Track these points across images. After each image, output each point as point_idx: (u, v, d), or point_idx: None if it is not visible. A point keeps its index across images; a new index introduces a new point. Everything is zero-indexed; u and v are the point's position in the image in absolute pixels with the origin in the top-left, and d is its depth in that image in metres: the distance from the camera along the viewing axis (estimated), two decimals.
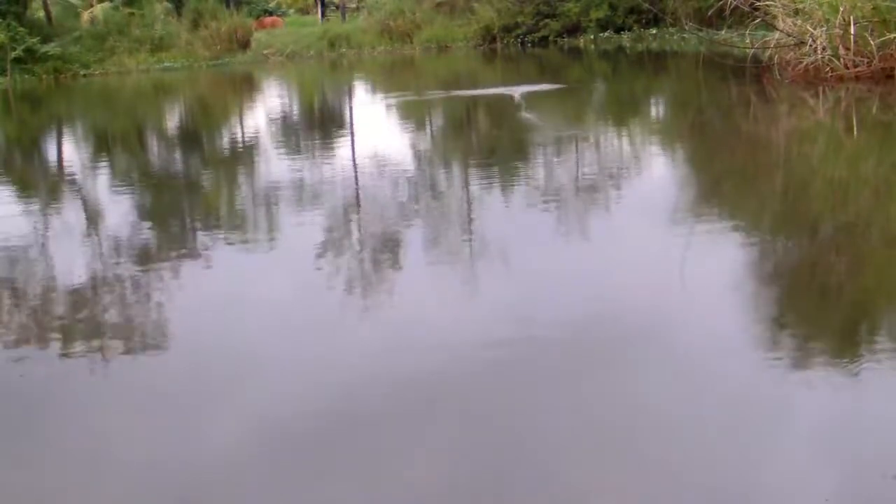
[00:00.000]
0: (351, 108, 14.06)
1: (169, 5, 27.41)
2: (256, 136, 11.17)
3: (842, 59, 9.80)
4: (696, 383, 3.04)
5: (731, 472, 2.50)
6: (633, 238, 4.84)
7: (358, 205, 6.39)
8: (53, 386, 3.45)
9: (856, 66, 9.72)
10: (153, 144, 11.57)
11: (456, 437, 2.79)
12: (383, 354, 3.46)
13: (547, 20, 22.75)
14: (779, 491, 2.39)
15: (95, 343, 3.88)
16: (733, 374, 3.07)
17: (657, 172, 6.89)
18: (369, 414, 2.97)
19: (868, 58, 9.67)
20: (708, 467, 2.55)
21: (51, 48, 22.20)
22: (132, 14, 24.78)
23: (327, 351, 3.55)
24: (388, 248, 5.09)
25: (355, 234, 5.59)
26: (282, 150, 9.75)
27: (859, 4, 9.64)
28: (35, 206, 7.51)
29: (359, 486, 2.55)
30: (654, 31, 21.25)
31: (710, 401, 2.91)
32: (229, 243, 5.53)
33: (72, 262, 5.23)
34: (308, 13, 40.33)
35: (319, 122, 12.61)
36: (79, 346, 3.88)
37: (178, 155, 10.37)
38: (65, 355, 3.79)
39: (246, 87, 19.47)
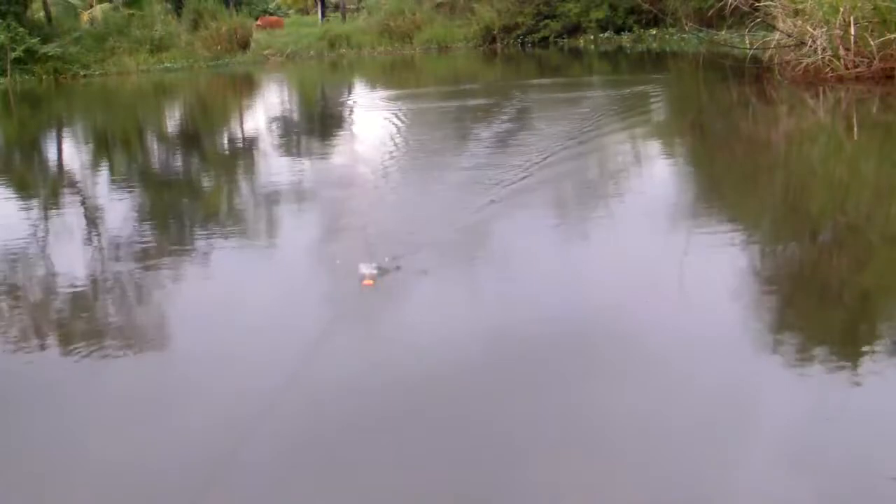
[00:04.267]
0: (348, 110, 14.00)
1: (169, 6, 27.41)
2: (254, 138, 11.15)
3: (842, 60, 9.79)
4: (696, 384, 3.04)
5: (731, 475, 2.49)
6: (639, 238, 4.83)
7: (347, 206, 6.31)
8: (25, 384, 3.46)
9: (856, 67, 9.72)
10: (153, 145, 11.56)
11: (449, 439, 2.78)
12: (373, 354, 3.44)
13: (547, 20, 22.77)
14: (780, 492, 2.39)
15: (79, 342, 3.87)
16: (738, 375, 3.07)
17: (658, 173, 6.86)
18: (366, 416, 2.96)
19: (868, 58, 9.66)
20: (705, 468, 2.54)
21: (51, 49, 22.21)
22: (132, 14, 24.80)
23: (323, 352, 3.53)
24: (381, 246, 5.05)
25: (345, 235, 5.54)
26: (278, 151, 9.74)
27: (859, 5, 9.63)
28: (28, 206, 7.51)
29: (355, 490, 2.55)
30: (654, 32, 21.25)
31: (711, 402, 2.91)
32: (224, 243, 5.51)
33: (65, 262, 5.24)
34: (308, 13, 40.32)
35: (317, 124, 12.60)
36: (61, 345, 3.87)
37: (176, 156, 10.35)
38: (42, 353, 3.80)
39: (245, 87, 19.46)
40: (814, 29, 10.01)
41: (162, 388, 3.33)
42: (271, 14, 38.42)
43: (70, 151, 11.28)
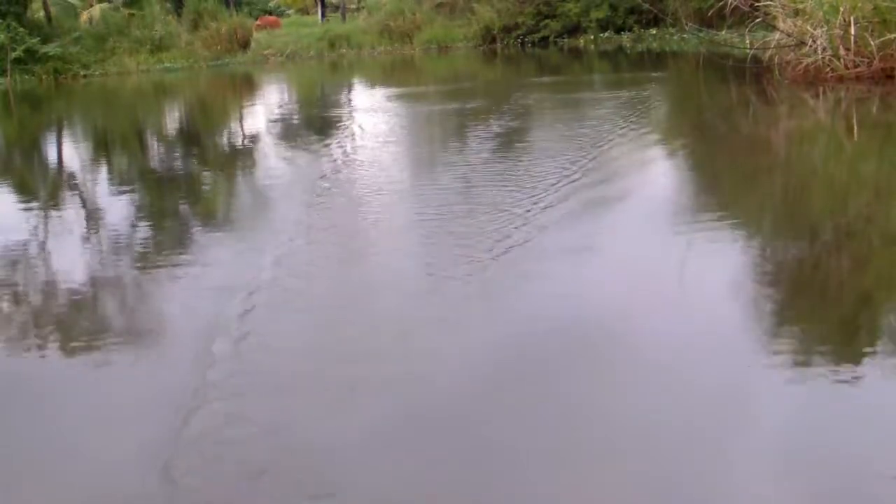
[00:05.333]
0: (338, 117, 13.91)
1: (169, 6, 27.41)
2: (252, 139, 11.16)
3: (842, 60, 9.79)
4: (695, 385, 3.04)
5: (732, 475, 2.49)
6: (642, 239, 4.83)
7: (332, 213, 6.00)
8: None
9: (856, 67, 9.72)
10: (152, 146, 11.57)
11: (450, 442, 2.78)
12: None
13: (547, 20, 22.78)
14: (781, 493, 2.39)
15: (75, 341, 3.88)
16: (745, 377, 3.07)
17: (659, 174, 6.85)
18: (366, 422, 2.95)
19: (868, 58, 9.66)
20: (703, 470, 2.55)
21: (51, 49, 22.22)
22: (132, 15, 24.80)
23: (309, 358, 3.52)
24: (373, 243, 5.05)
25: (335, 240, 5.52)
26: (277, 152, 9.74)
27: (859, 5, 9.63)
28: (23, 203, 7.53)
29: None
30: (654, 32, 21.25)
31: (712, 404, 2.91)
32: (218, 243, 5.50)
33: (65, 261, 5.24)
34: (308, 13, 40.31)
35: (314, 125, 12.59)
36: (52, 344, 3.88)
37: (175, 156, 10.35)
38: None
39: (245, 88, 19.46)
40: (814, 29, 10.00)
41: None
42: (271, 14, 38.40)
43: (68, 152, 11.28)
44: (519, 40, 22.98)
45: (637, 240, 4.78)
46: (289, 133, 11.35)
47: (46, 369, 3.62)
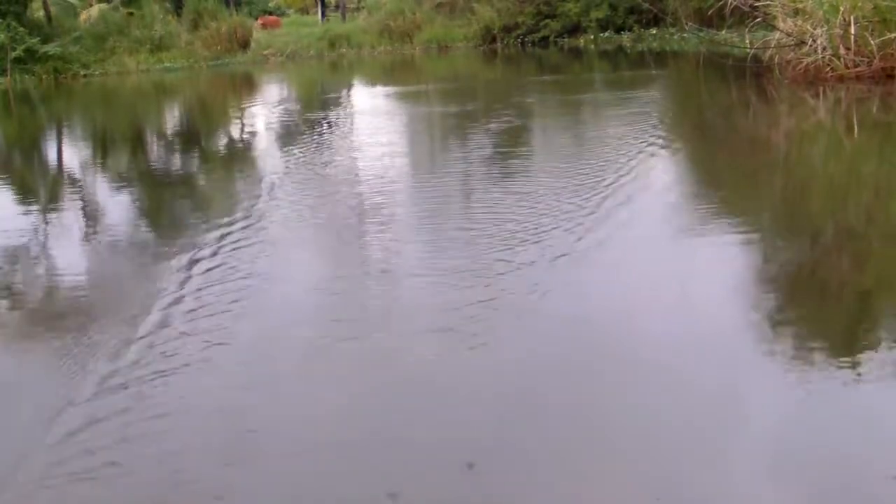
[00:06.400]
0: (326, 124, 13.83)
1: (169, 5, 27.40)
2: (247, 140, 11.15)
3: (842, 59, 9.79)
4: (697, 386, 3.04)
5: (733, 476, 2.49)
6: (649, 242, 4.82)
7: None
8: None
9: (856, 66, 9.71)
10: (151, 146, 11.57)
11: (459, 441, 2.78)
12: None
13: (547, 20, 22.76)
14: (781, 492, 2.38)
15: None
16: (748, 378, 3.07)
17: (661, 173, 6.84)
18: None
19: (868, 58, 9.66)
20: (705, 471, 2.54)
21: (51, 48, 22.20)
22: (131, 14, 24.78)
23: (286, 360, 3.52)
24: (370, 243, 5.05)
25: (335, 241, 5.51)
26: (276, 152, 9.71)
27: (860, 4, 9.63)
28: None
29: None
30: (654, 32, 21.24)
31: (712, 405, 2.91)
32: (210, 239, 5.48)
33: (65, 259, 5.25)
34: (308, 13, 40.32)
35: (310, 127, 12.56)
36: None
37: (172, 156, 10.35)
38: None
39: (245, 88, 19.43)
40: (814, 28, 10.00)
41: None
42: (271, 14, 38.42)
43: (66, 151, 11.29)
44: (519, 40, 22.96)
45: (645, 242, 4.78)
46: (285, 135, 11.30)
47: None
